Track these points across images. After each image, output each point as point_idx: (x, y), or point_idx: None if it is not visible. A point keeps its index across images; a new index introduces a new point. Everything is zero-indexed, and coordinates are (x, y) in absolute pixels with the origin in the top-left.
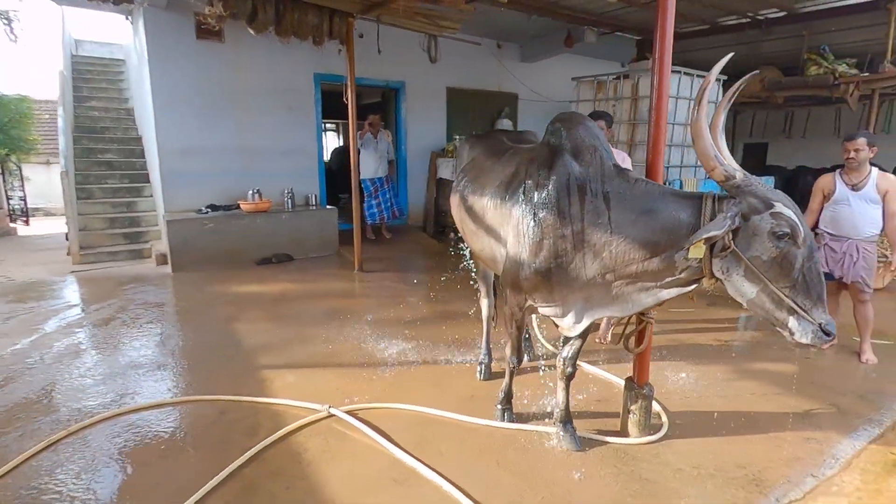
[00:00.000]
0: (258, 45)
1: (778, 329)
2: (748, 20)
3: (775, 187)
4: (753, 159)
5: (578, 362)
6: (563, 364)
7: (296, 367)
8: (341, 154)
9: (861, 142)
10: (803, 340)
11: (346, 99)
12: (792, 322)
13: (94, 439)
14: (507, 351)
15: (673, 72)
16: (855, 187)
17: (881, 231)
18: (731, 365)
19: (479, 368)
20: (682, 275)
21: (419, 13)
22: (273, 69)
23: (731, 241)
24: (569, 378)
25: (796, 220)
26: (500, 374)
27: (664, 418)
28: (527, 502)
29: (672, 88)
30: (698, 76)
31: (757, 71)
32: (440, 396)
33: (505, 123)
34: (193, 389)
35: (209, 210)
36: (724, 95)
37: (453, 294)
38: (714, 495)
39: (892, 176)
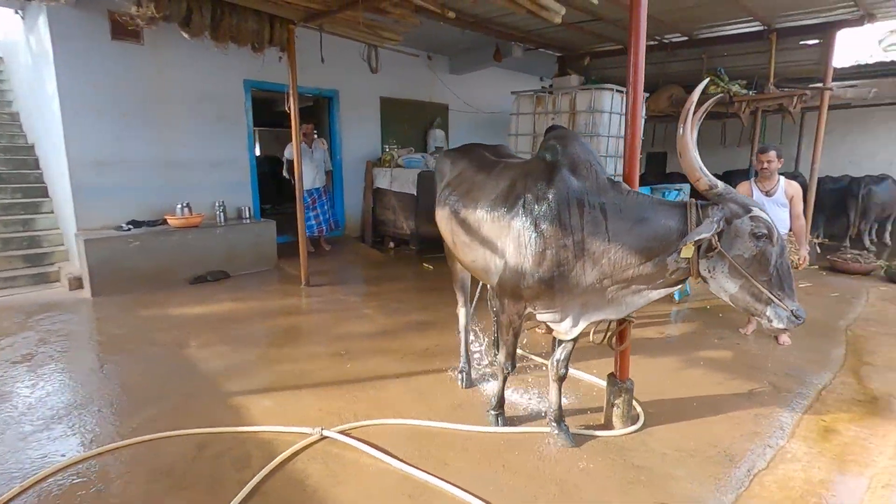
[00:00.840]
0: (181, 48)
1: (756, 317)
2: (656, 43)
3: (679, 194)
4: (656, 166)
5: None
6: (556, 366)
7: (270, 391)
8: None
9: (772, 154)
10: (780, 326)
11: (288, 108)
12: (769, 311)
13: (50, 497)
14: (501, 357)
15: (606, 89)
16: (768, 193)
17: (788, 230)
18: (679, 355)
19: (459, 377)
20: (672, 276)
21: (362, 23)
22: (199, 75)
23: (717, 242)
24: (561, 379)
25: (771, 222)
26: (481, 381)
27: (639, 409)
28: (541, 501)
29: (606, 104)
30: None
31: (721, 94)
32: (428, 407)
33: (438, 134)
34: (159, 425)
35: (131, 227)
36: (690, 113)
37: (411, 304)
38: (698, 473)
39: (795, 183)
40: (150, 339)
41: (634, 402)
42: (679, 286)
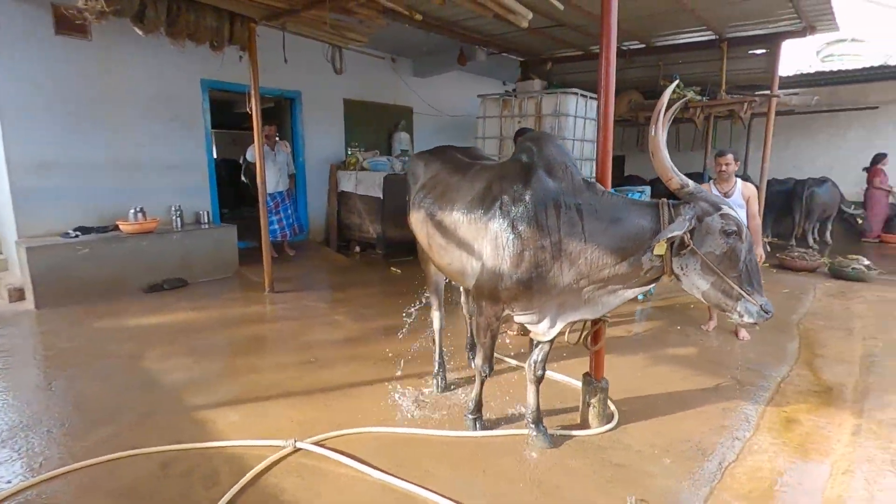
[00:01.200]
0: (133, 44)
1: (727, 313)
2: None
3: (641, 196)
4: (615, 169)
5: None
6: (534, 367)
7: (236, 404)
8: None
9: (730, 157)
10: (750, 320)
11: (249, 109)
12: (740, 306)
13: None
14: (478, 361)
15: (571, 93)
16: (726, 195)
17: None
18: (646, 353)
19: (434, 381)
20: (647, 275)
21: (327, 23)
22: (153, 73)
23: (690, 240)
24: (539, 380)
25: (741, 220)
26: (457, 385)
27: (613, 407)
28: (526, 502)
29: (571, 108)
30: (591, 97)
31: (686, 98)
32: (404, 414)
33: (402, 136)
34: (117, 445)
35: (79, 233)
36: (661, 114)
37: (379, 309)
38: (674, 469)
39: (751, 184)
40: (103, 351)
41: (608, 401)
42: (652, 284)
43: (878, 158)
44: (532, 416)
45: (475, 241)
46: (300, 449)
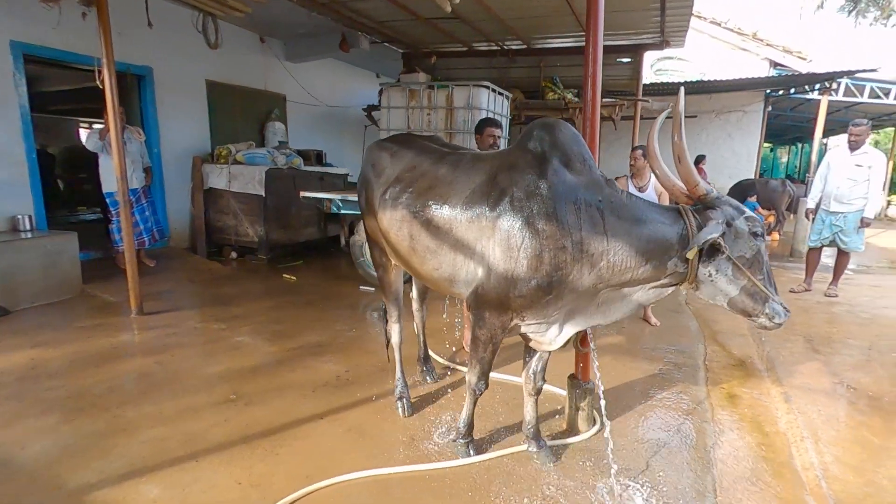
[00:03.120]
0: None
1: (753, 317)
2: (498, 48)
3: None
4: None
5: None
6: (534, 378)
7: (147, 473)
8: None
9: (638, 153)
10: (778, 321)
11: (100, 83)
12: (768, 308)
13: None
14: (472, 378)
15: (483, 87)
16: (641, 189)
17: None
18: None
19: (399, 404)
20: (665, 280)
21: None
22: None
23: (725, 245)
24: (538, 392)
25: (762, 221)
26: (424, 405)
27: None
28: None
29: (483, 102)
30: (500, 93)
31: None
32: (376, 449)
33: (278, 127)
34: None
35: None
36: (681, 119)
37: (294, 325)
38: (671, 459)
39: None
40: None
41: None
42: (668, 292)
43: (699, 159)
44: (531, 431)
45: (477, 242)
46: None
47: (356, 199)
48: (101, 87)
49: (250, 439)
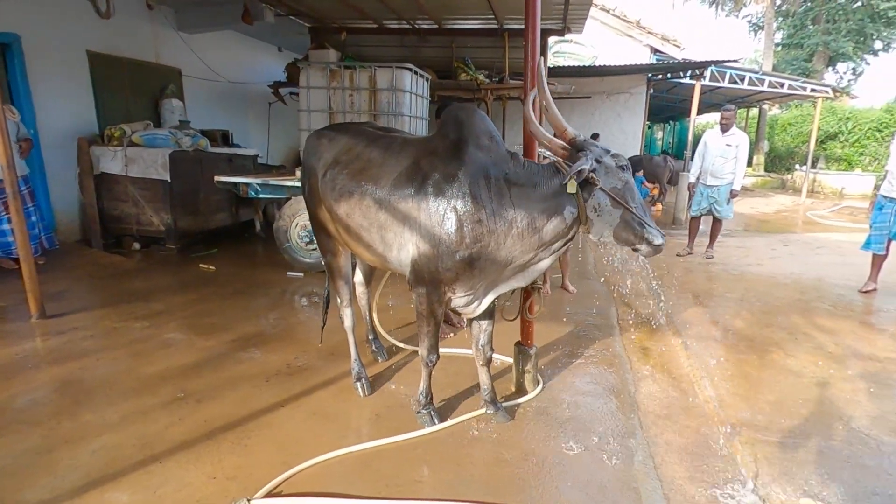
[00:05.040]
0: None
1: (636, 245)
2: (409, 27)
3: None
4: None
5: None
6: (483, 350)
7: (110, 480)
8: None
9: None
10: (658, 242)
11: None
12: (646, 233)
13: None
14: (424, 351)
15: (406, 69)
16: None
17: None
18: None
19: (357, 385)
20: (570, 231)
21: None
22: None
23: (597, 178)
24: (489, 362)
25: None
26: (382, 381)
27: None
28: (529, 476)
29: (407, 84)
30: (421, 75)
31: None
32: (345, 429)
33: (175, 104)
34: None
35: None
36: (544, 75)
37: (225, 316)
38: (605, 409)
39: None
40: None
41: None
42: (572, 239)
43: (594, 137)
44: (489, 395)
45: (405, 221)
46: None
47: (275, 183)
48: None
49: (213, 434)
